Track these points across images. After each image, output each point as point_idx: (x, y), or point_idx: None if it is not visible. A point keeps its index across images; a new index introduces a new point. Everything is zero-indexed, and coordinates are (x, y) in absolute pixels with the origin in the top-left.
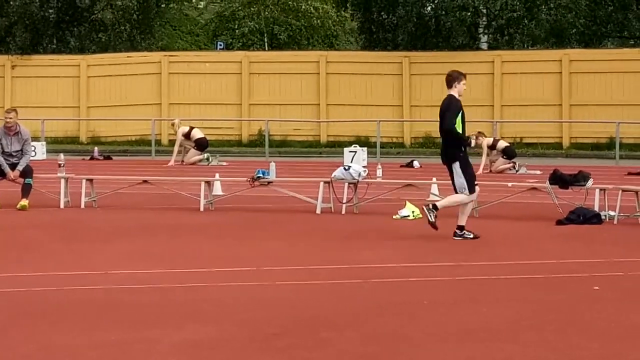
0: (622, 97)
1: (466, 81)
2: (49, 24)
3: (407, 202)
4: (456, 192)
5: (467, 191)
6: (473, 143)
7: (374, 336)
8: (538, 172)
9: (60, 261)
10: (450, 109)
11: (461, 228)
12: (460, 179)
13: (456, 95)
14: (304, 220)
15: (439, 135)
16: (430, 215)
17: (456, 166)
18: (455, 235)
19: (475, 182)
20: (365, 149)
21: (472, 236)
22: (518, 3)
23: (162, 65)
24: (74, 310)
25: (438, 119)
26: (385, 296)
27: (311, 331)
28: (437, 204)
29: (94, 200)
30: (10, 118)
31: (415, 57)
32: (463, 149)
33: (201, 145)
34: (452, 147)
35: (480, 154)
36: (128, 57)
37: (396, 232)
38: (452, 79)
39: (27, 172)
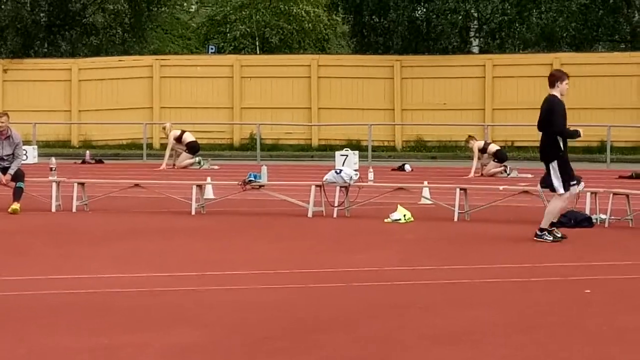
0: (613, 100)
1: (569, 81)
2: (41, 28)
3: (399, 205)
4: (552, 191)
5: (562, 190)
6: (582, 134)
7: (365, 339)
8: (529, 175)
9: (52, 265)
10: (555, 110)
11: (542, 230)
12: (556, 178)
13: (558, 95)
14: (295, 224)
15: (540, 134)
16: (547, 238)
17: (554, 164)
18: (535, 236)
19: (573, 182)
20: (356, 152)
21: (551, 239)
22: (509, 7)
23: (154, 69)
24: (64, 314)
25: (540, 121)
26: (377, 299)
27: (303, 334)
28: (542, 225)
29: (86, 204)
30: (2, 122)
31: (406, 61)
32: (563, 148)
33: (193, 148)
34: (552, 146)
35: (471, 158)
36: (119, 60)
37: (388, 235)
38: (555, 78)
39: (18, 176)
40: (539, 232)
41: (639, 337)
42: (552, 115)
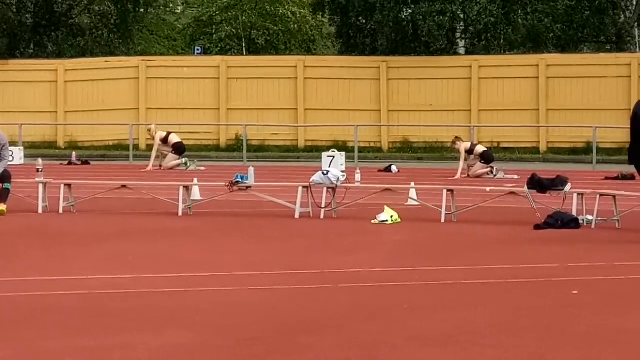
0: (599, 101)
1: None
2: (27, 29)
3: (386, 206)
4: None
5: None
6: None
7: (352, 341)
8: (516, 176)
9: (39, 266)
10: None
11: None
12: None
13: None
14: (282, 225)
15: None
16: None
17: None
18: None
19: None
20: (343, 153)
21: None
22: (495, 8)
23: (140, 70)
24: (52, 316)
25: None
26: (364, 301)
27: (289, 336)
28: None
29: (72, 205)
30: None
31: (393, 62)
32: None
33: (179, 149)
34: None
35: (458, 159)
36: (106, 61)
37: (375, 236)
38: None
39: (4, 177)
40: None
41: (627, 338)
42: (633, 121)
